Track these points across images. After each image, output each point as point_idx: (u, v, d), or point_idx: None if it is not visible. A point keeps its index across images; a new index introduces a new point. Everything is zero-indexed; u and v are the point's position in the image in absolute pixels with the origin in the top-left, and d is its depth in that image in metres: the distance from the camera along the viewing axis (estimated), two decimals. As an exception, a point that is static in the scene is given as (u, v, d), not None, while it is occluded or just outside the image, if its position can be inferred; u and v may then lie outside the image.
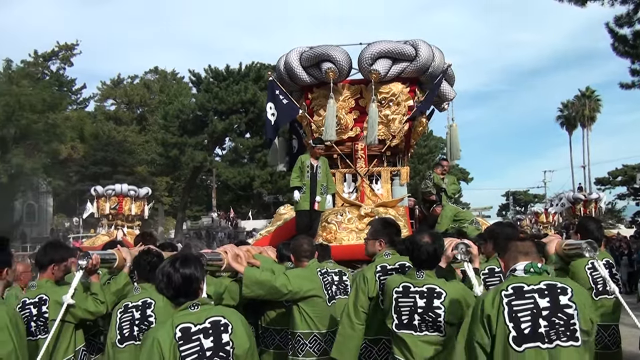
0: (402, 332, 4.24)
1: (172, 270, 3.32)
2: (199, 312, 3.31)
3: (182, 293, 3.33)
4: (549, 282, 3.22)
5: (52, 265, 4.89)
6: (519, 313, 3.14)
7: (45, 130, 42.29)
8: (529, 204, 74.47)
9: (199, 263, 3.45)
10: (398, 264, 4.68)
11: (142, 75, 68.99)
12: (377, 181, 10.69)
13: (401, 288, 4.32)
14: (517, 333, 3.12)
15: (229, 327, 3.29)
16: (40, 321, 4.64)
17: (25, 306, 4.68)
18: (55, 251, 4.98)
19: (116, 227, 24.09)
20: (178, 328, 3.22)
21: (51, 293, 4.69)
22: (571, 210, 30.11)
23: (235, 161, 52.56)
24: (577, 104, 64.54)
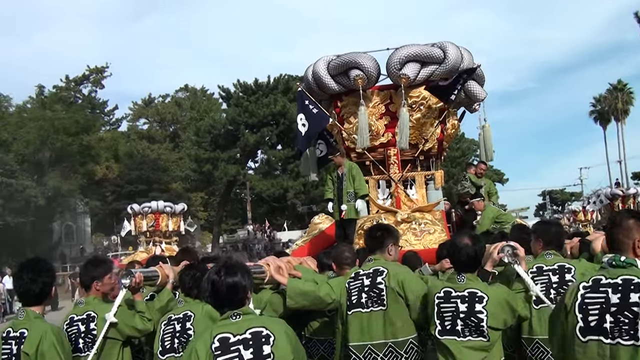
0: (445, 338, 4.19)
1: (217, 278, 3.25)
2: (240, 322, 3.22)
3: (226, 302, 3.26)
4: (627, 277, 3.10)
5: (94, 282, 4.91)
6: (589, 306, 3.13)
7: (80, 152, 43.01)
8: (566, 203, 73.59)
9: (245, 271, 3.36)
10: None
11: (173, 93, 70.02)
12: (411, 186, 10.63)
13: (442, 293, 4.30)
14: (584, 324, 3.12)
15: (270, 339, 3.19)
16: (88, 338, 4.66)
17: (73, 323, 4.72)
18: (96, 268, 4.99)
19: (154, 244, 24.27)
20: (216, 338, 3.15)
21: (99, 310, 4.71)
22: (609, 206, 29.56)
23: (268, 173, 52.76)
24: (609, 97, 63.47)
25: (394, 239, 5.13)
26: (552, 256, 4.91)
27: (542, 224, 5.46)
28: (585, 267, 4.83)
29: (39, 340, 3.95)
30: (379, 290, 4.78)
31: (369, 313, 4.79)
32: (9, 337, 4.06)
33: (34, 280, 4.19)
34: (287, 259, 5.54)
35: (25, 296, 4.26)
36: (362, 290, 4.84)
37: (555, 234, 5.12)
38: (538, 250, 5.08)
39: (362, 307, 4.82)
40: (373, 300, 4.82)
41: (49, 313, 4.37)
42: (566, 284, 4.72)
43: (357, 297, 4.85)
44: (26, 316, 4.13)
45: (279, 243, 41.32)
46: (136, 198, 39.68)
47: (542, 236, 5.08)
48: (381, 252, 5.01)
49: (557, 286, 4.75)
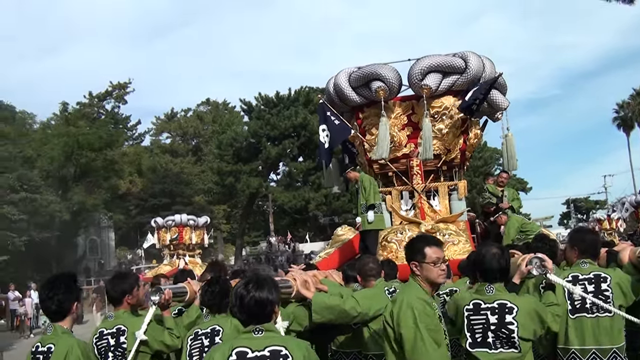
0: (476, 350, 4.15)
1: (245, 292, 3.22)
2: (261, 339, 3.18)
3: (254, 317, 3.23)
4: None
5: (125, 296, 4.94)
6: None
7: (104, 167, 43.42)
8: (591, 211, 72.75)
9: (273, 286, 3.33)
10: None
11: (195, 107, 70.51)
12: (434, 197, 10.58)
13: (472, 305, 4.26)
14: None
15: (288, 359, 3.13)
16: (118, 351, 4.71)
17: (103, 337, 4.77)
18: (124, 281, 5.03)
19: (178, 257, 24.37)
20: (235, 351, 3.12)
21: (129, 324, 4.76)
22: (635, 215, 29.22)
23: (290, 185, 52.80)
24: (632, 103, 62.81)
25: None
26: (587, 265, 4.84)
27: (578, 232, 5.38)
28: (620, 276, 4.76)
29: (65, 355, 3.99)
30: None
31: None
32: (37, 351, 4.11)
33: (50, 297, 4.23)
34: (313, 272, 5.53)
35: (46, 312, 4.32)
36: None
37: (591, 242, 5.03)
38: (573, 258, 4.99)
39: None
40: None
41: (73, 327, 4.39)
42: (602, 293, 4.69)
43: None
44: (54, 331, 4.17)
45: (301, 255, 41.26)
46: (159, 211, 39.90)
47: (577, 245, 4.99)
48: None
49: (593, 295, 4.68)
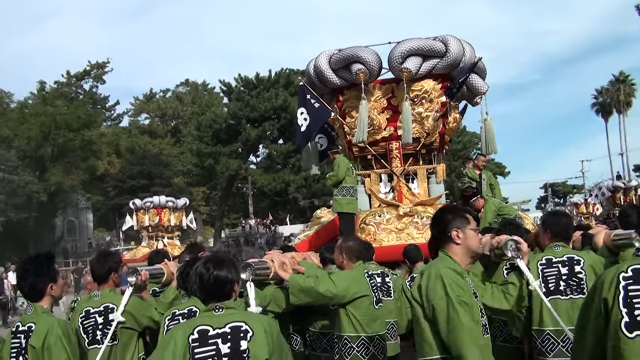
0: None
1: (204, 271, 3.23)
2: (221, 316, 3.19)
3: (213, 295, 3.24)
4: None
5: (112, 274, 4.97)
6: (634, 299, 2.98)
7: (82, 148, 43.04)
8: (568, 195, 73.49)
9: (232, 265, 3.34)
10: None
11: (174, 88, 69.99)
12: (413, 180, 10.64)
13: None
14: (629, 319, 2.96)
15: (248, 334, 3.13)
16: (107, 329, 4.70)
17: (90, 315, 4.79)
18: (110, 259, 5.06)
19: (156, 239, 24.32)
20: (196, 329, 3.13)
21: (117, 301, 4.74)
22: (611, 199, 29.58)
23: (269, 167, 52.78)
24: (611, 89, 63.21)
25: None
26: (560, 248, 4.87)
27: (551, 215, 5.42)
28: (593, 258, 4.79)
29: (46, 334, 3.99)
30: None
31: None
32: (18, 331, 4.10)
33: (24, 278, 4.24)
34: (292, 254, 5.53)
35: (22, 293, 4.32)
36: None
37: (564, 225, 5.05)
38: (546, 242, 5.03)
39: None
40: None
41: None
42: (576, 275, 4.73)
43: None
44: (34, 311, 4.17)
45: (280, 237, 41.29)
46: (138, 193, 39.77)
47: (550, 228, 5.02)
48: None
49: (567, 278, 4.74)
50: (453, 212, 3.90)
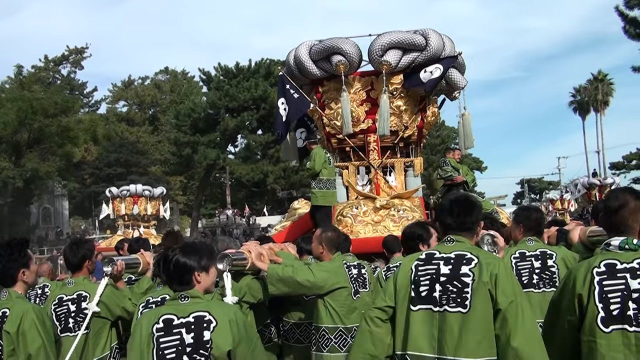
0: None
1: (169, 256, 3.26)
2: (186, 305, 3.18)
3: (173, 280, 3.26)
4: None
5: (86, 262, 4.97)
6: (609, 294, 3.03)
7: (59, 134, 42.52)
8: (544, 191, 74.17)
9: (197, 252, 3.32)
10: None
11: (153, 76, 69.48)
12: (390, 173, 10.67)
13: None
14: (605, 314, 3.02)
15: (211, 325, 3.11)
16: (79, 317, 4.72)
17: (63, 303, 4.79)
18: (84, 247, 5.04)
19: (132, 228, 24.17)
20: (161, 318, 3.13)
21: (91, 290, 4.76)
22: (586, 196, 29.87)
23: (248, 158, 52.60)
24: (589, 88, 63.75)
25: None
26: (533, 242, 4.99)
27: (523, 210, 5.50)
28: (565, 253, 4.91)
29: (20, 319, 3.96)
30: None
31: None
32: None
33: None
34: (269, 245, 5.54)
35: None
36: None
37: (536, 220, 5.16)
38: (519, 236, 5.13)
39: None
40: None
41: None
42: (548, 269, 4.84)
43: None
44: (8, 296, 4.15)
45: (258, 228, 41.34)
46: (115, 181, 39.54)
47: (523, 222, 5.12)
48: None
49: (540, 272, 4.85)
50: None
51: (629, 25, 25.03)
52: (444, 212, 3.56)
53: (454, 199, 3.63)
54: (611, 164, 60.78)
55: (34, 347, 3.93)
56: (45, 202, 53.07)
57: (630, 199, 3.18)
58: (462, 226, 3.49)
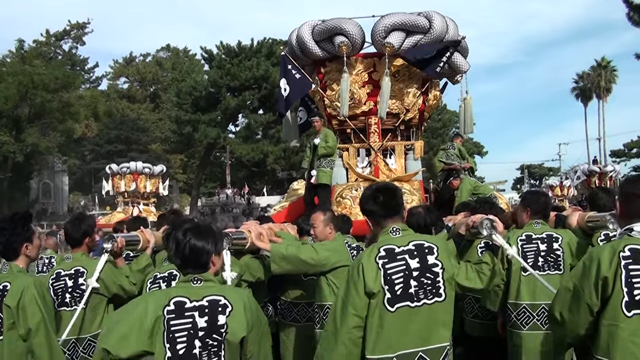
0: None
1: (182, 238, 3.13)
2: (199, 288, 3.07)
3: (190, 264, 3.13)
4: None
5: (86, 238, 5.00)
6: (634, 278, 3.05)
7: (59, 109, 42.47)
8: (544, 177, 74.31)
9: (212, 235, 3.23)
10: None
11: (155, 53, 69.25)
12: (390, 155, 10.67)
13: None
14: (629, 298, 3.04)
15: (227, 309, 3.02)
16: (76, 292, 4.75)
17: (60, 278, 4.81)
18: (85, 223, 5.06)
19: (132, 205, 24.21)
20: (172, 301, 3.01)
21: (90, 266, 4.78)
22: (586, 183, 29.91)
23: (248, 137, 52.54)
24: (592, 75, 63.62)
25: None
26: (540, 225, 5.05)
27: (531, 194, 5.58)
28: (570, 237, 4.96)
29: (21, 293, 3.95)
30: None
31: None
32: None
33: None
34: (269, 225, 5.55)
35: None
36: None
37: (544, 204, 5.23)
38: (525, 219, 5.19)
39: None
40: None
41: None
42: (554, 252, 4.90)
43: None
44: (10, 270, 4.13)
45: (257, 208, 41.36)
46: (115, 158, 39.58)
47: (530, 205, 5.18)
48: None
49: (545, 254, 4.91)
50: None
51: (633, 12, 24.89)
52: (368, 201, 3.60)
53: (377, 187, 3.67)
54: (612, 151, 60.93)
55: (34, 322, 3.92)
56: (45, 177, 53.16)
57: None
58: (390, 211, 3.56)
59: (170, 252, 3.18)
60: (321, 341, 3.48)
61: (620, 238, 3.24)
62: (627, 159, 60.49)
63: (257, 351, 3.13)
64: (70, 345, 4.68)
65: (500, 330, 5.15)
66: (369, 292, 3.31)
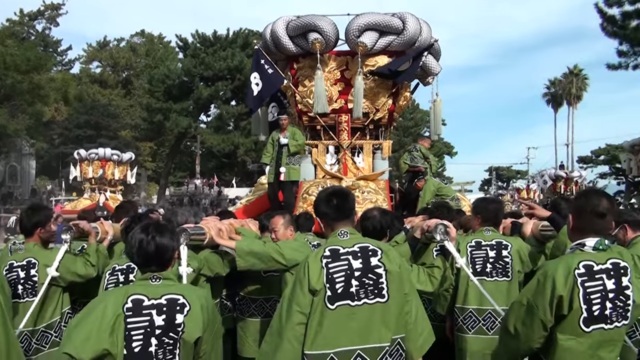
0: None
1: (145, 236, 3.12)
2: (158, 286, 3.08)
3: (154, 262, 3.14)
4: (615, 260, 3.22)
5: (38, 229, 4.91)
6: (592, 295, 3.14)
7: (29, 91, 41.72)
8: (511, 180, 75.13)
9: (173, 232, 3.25)
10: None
11: (129, 38, 68.38)
12: (359, 154, 10.73)
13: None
14: (587, 315, 3.13)
15: (185, 308, 3.04)
16: (28, 284, 4.70)
17: (13, 269, 4.73)
18: (39, 214, 4.98)
19: (99, 192, 24.01)
20: (130, 298, 3.01)
21: (40, 257, 4.73)
22: (552, 187, 30.41)
23: (220, 128, 52.34)
24: (564, 81, 64.56)
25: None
26: (490, 232, 5.14)
27: (482, 201, 5.64)
28: (520, 244, 5.08)
29: None
30: None
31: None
32: None
33: None
34: (230, 221, 5.57)
35: None
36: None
37: (494, 211, 5.30)
38: (476, 226, 5.29)
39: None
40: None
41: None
42: (502, 259, 5.00)
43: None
44: None
45: (225, 199, 41.23)
46: (83, 143, 39.11)
47: (481, 213, 5.28)
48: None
49: (494, 261, 5.00)
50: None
51: (606, 22, 25.28)
52: (321, 204, 3.69)
53: (330, 191, 3.74)
54: (579, 157, 61.89)
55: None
56: (13, 160, 52.30)
57: (610, 203, 3.28)
58: (342, 215, 3.65)
59: (133, 249, 3.16)
60: (266, 337, 3.52)
61: (573, 253, 3.31)
62: (594, 166, 61.46)
63: (209, 350, 3.18)
64: (23, 337, 4.61)
65: (448, 334, 5.24)
66: (312, 289, 3.37)
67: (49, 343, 4.76)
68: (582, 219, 3.32)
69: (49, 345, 4.76)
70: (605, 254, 3.22)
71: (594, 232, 3.27)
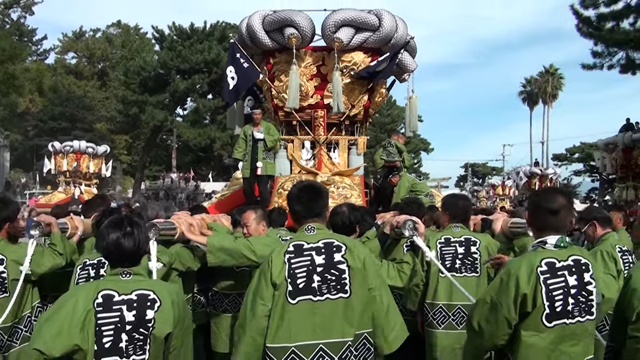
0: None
1: (115, 232, 3.11)
2: (128, 282, 3.07)
3: (125, 257, 3.12)
4: (576, 257, 3.27)
5: (6, 224, 4.78)
6: (554, 292, 3.18)
7: (4, 82, 41.17)
8: (487, 176, 75.65)
9: (142, 227, 3.23)
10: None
11: (105, 28, 67.63)
12: (334, 149, 10.75)
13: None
14: (550, 311, 3.17)
15: (155, 304, 3.03)
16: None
17: None
18: (7, 208, 4.83)
19: (73, 185, 23.81)
20: (100, 294, 2.99)
21: (8, 252, 4.60)
22: (527, 184, 30.71)
23: (196, 122, 52.13)
24: (540, 80, 65.17)
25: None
26: (459, 229, 5.23)
27: (451, 198, 5.73)
28: (488, 240, 5.17)
29: None
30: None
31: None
32: None
33: None
34: (201, 216, 5.55)
35: None
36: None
37: (463, 207, 5.40)
38: (445, 222, 5.39)
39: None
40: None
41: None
42: (471, 255, 5.09)
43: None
44: None
45: (202, 193, 41.01)
46: (58, 135, 38.63)
47: (450, 209, 5.37)
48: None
49: (463, 257, 5.09)
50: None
51: (582, 23, 25.56)
52: (293, 200, 3.72)
53: (302, 187, 3.76)
54: (554, 155, 62.61)
55: None
56: (-15, 151, 51.70)
57: (565, 200, 3.32)
58: (313, 212, 3.67)
59: (103, 244, 3.14)
60: (235, 330, 3.56)
61: (535, 251, 3.35)
62: (569, 163, 62.21)
63: (179, 345, 3.18)
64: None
65: (419, 329, 5.29)
66: (274, 283, 3.41)
67: (19, 339, 4.65)
68: (536, 216, 3.39)
69: (19, 340, 4.65)
70: (567, 251, 3.27)
71: (548, 229, 3.32)
